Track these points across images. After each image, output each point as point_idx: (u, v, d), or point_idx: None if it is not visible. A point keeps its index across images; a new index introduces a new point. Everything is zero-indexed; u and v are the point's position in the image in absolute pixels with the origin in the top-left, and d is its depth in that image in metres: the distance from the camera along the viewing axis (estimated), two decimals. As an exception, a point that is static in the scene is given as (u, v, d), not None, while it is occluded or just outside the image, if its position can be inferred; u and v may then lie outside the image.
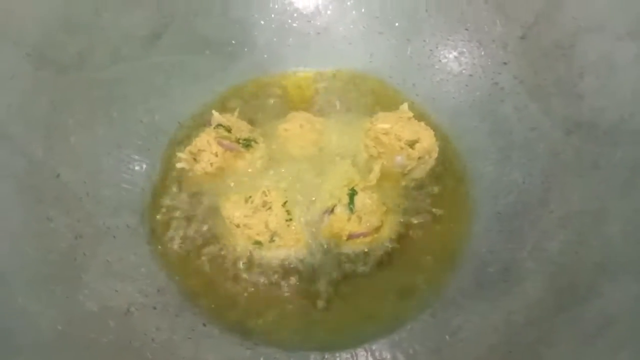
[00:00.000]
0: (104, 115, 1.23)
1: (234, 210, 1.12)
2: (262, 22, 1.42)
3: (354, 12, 1.43)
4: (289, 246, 1.14)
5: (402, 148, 1.18)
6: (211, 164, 1.19)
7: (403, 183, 1.24)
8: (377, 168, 1.19)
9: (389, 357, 1.03)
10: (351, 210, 1.12)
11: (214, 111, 1.25)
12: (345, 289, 1.11)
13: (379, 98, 1.39)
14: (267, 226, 1.11)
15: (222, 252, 1.15)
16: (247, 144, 1.22)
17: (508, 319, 0.98)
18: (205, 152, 1.19)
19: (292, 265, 1.14)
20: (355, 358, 1.04)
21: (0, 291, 0.90)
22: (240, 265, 1.14)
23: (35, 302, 0.93)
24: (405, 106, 1.28)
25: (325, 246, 1.15)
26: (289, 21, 1.43)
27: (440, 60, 1.37)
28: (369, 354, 1.04)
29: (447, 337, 1.02)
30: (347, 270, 1.13)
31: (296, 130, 1.26)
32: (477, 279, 1.10)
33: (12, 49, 1.09)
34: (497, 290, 1.05)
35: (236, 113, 1.30)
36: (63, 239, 1.05)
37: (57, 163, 1.11)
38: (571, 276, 0.97)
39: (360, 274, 1.13)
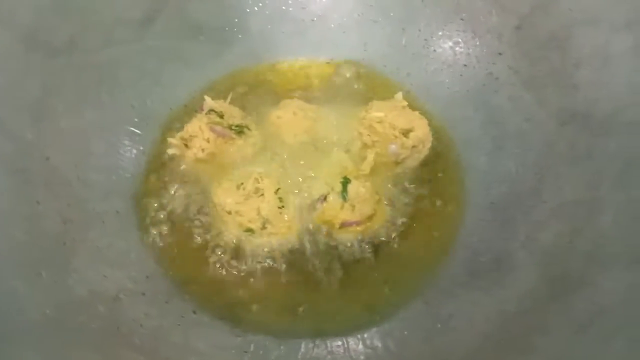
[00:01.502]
0: (95, 99, 1.21)
1: (225, 197, 1.11)
2: (256, 8, 1.40)
3: (349, 0, 1.42)
4: (281, 233, 1.13)
5: (396, 137, 1.18)
6: (202, 150, 1.17)
7: (397, 172, 1.23)
8: (370, 156, 1.18)
9: (380, 345, 1.03)
10: (344, 198, 1.12)
11: (206, 97, 1.24)
12: (336, 276, 1.11)
13: (373, 87, 1.38)
14: (258, 213, 1.10)
15: (213, 239, 1.14)
16: (240, 130, 1.21)
17: (500, 308, 0.98)
18: (197, 137, 1.17)
19: (283, 253, 1.13)
20: (346, 345, 1.03)
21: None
22: (231, 252, 1.13)
23: (24, 286, 0.92)
24: (399, 95, 1.28)
25: (317, 234, 1.14)
26: (284, 8, 1.42)
27: (435, 50, 1.36)
28: (361, 341, 1.04)
29: (438, 325, 1.02)
30: (339, 258, 1.13)
31: (289, 118, 1.25)
32: (469, 268, 1.10)
33: (2, 30, 1.06)
34: (489, 279, 1.05)
35: (229, 99, 1.29)
36: (52, 223, 1.03)
37: (46, 146, 1.10)
38: (563, 266, 0.97)
39: (352, 262, 1.12)
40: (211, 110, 1.20)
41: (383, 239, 1.15)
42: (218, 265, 1.12)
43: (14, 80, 1.08)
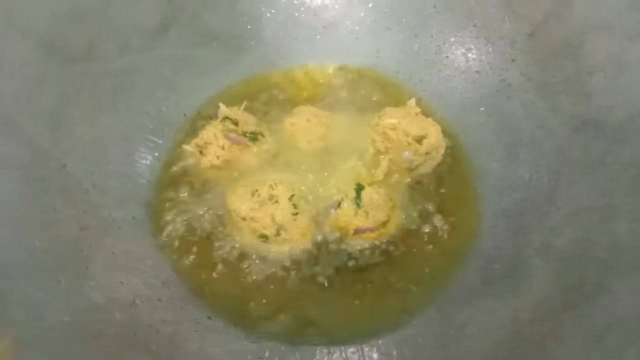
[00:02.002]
0: (112, 106, 1.23)
1: (240, 204, 1.12)
2: (269, 15, 1.42)
3: (361, 7, 1.43)
4: (295, 240, 1.13)
5: (409, 143, 1.18)
6: (217, 157, 1.19)
7: (410, 178, 1.23)
8: (384, 163, 1.19)
9: (394, 352, 1.03)
10: (358, 205, 1.12)
11: (220, 104, 1.25)
12: (351, 283, 1.11)
13: (386, 93, 1.39)
14: (273, 220, 1.11)
15: (228, 245, 1.15)
16: (254, 137, 1.22)
17: (514, 315, 0.98)
18: (212, 145, 1.19)
19: (297, 259, 1.13)
20: (361, 352, 1.04)
21: (7, 282, 0.90)
22: (246, 258, 1.13)
23: (41, 293, 0.93)
24: (412, 101, 1.28)
25: (332, 240, 1.14)
26: (296, 15, 1.43)
27: (447, 57, 1.37)
28: (375, 348, 1.04)
29: (452, 332, 1.02)
30: (354, 264, 1.13)
31: (303, 125, 1.26)
32: (483, 275, 1.10)
33: (20, 38, 1.08)
34: (503, 286, 1.05)
35: (243, 106, 1.30)
36: (69, 230, 1.05)
37: (63, 154, 1.11)
38: (578, 273, 0.96)
39: (367, 269, 1.13)
40: (226, 118, 1.21)
41: (397, 245, 1.15)
42: (233, 272, 1.12)
43: (31, 87, 1.09)
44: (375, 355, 1.03)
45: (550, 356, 0.89)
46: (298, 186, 1.18)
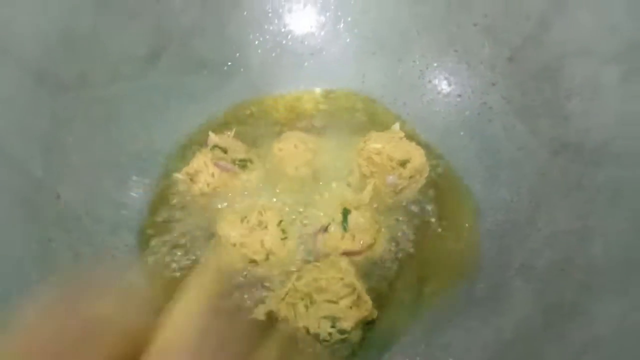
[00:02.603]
0: (104, 134, 1.25)
1: (230, 230, 1.14)
2: (257, 42, 1.45)
3: (347, 33, 1.46)
4: (284, 264, 1.16)
5: (393, 168, 1.21)
6: (208, 185, 1.22)
7: (395, 201, 1.26)
8: (369, 187, 1.22)
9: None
10: (345, 228, 1.15)
11: (210, 132, 1.28)
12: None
13: (371, 117, 1.42)
14: (262, 245, 1.13)
15: (218, 271, 1.17)
16: (243, 164, 1.25)
17: (497, 336, 1.01)
18: (202, 173, 1.21)
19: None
20: (348, 375, 1.06)
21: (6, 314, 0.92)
22: (237, 282, 1.16)
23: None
24: (397, 126, 1.31)
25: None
26: (284, 42, 1.46)
27: (430, 81, 1.40)
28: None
29: (438, 353, 1.05)
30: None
31: (291, 150, 1.28)
32: (466, 295, 1.12)
33: (11, 64, 1.10)
34: (487, 307, 1.08)
35: (232, 133, 1.33)
36: (64, 259, 1.07)
37: (56, 182, 1.13)
38: (557, 294, 0.99)
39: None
40: (215, 146, 1.24)
41: (381, 267, 1.18)
42: (224, 297, 1.13)
43: (23, 115, 1.11)
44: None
45: (531, 377, 0.92)
46: (286, 211, 1.21)
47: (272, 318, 1.09)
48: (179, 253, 1.20)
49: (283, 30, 1.46)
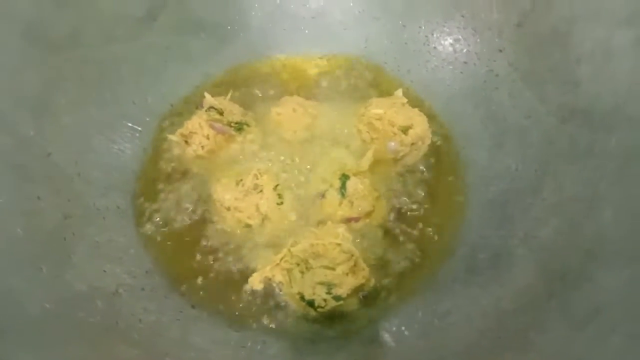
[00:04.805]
0: (96, 95, 1.22)
1: (224, 193, 1.11)
2: (257, 5, 1.41)
3: (350, -4, 1.42)
4: (279, 230, 1.13)
5: (395, 134, 1.18)
6: (202, 147, 1.18)
7: (396, 169, 1.23)
8: (369, 153, 1.18)
9: (377, 339, 1.02)
10: (342, 194, 1.12)
11: (206, 93, 1.25)
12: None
13: (374, 83, 1.38)
14: (257, 209, 1.11)
15: (212, 235, 1.14)
16: (239, 127, 1.22)
17: (498, 304, 0.98)
18: (197, 134, 1.18)
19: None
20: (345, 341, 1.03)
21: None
22: (229, 248, 1.13)
23: (23, 281, 0.92)
24: (399, 92, 1.28)
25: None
26: (284, 4, 1.43)
27: (435, 47, 1.36)
28: (358, 336, 1.03)
29: (435, 321, 1.02)
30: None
31: (289, 114, 1.25)
32: (467, 264, 1.10)
33: (2, 24, 1.07)
34: (487, 276, 1.05)
35: (229, 96, 1.29)
36: (52, 218, 1.04)
37: (48, 142, 1.10)
38: (562, 263, 0.96)
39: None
40: (211, 107, 1.21)
41: (381, 235, 1.15)
42: (217, 261, 1.11)
43: (14, 75, 1.08)
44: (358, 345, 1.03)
45: (533, 345, 0.88)
46: (283, 176, 1.18)
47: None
48: (171, 216, 1.17)
49: (284, -9, 1.43)
